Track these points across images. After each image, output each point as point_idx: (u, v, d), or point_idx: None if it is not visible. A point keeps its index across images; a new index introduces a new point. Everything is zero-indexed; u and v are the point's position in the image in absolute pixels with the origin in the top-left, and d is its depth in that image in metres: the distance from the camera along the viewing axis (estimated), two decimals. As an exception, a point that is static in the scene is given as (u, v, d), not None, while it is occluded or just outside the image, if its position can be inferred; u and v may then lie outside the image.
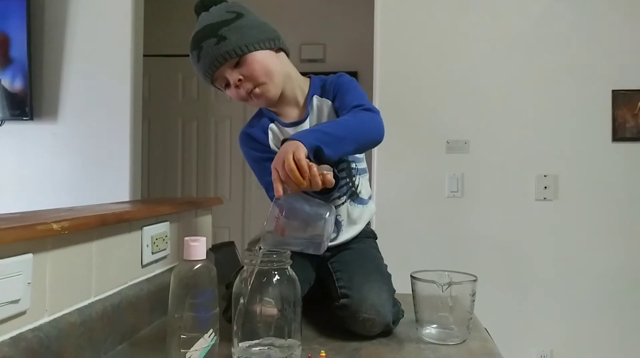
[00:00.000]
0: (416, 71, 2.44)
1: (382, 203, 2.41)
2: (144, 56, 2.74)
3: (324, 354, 0.83)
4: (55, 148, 2.61)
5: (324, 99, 1.20)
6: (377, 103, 2.47)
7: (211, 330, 0.78)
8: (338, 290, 1.07)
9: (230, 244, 1.93)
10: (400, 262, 1.39)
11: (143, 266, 1.09)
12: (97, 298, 0.92)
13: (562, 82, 2.37)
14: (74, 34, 2.63)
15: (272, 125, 1.21)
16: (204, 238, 0.78)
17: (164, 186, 3.65)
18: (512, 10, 2.40)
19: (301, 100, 1.22)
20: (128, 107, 2.60)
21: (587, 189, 2.35)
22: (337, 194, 1.19)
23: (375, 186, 2.42)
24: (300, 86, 1.22)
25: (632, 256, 2.32)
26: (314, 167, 0.91)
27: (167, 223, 1.19)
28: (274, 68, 1.13)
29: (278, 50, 1.17)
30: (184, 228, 1.32)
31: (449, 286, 1.01)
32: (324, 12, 3.61)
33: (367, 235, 1.30)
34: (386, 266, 1.21)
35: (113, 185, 2.56)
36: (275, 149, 1.19)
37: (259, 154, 1.20)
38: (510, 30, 2.40)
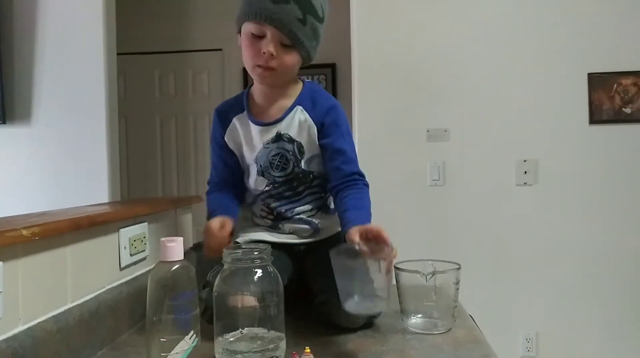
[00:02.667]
0: (394, 61, 2.43)
1: (364, 194, 2.40)
2: (118, 54, 2.69)
3: (308, 350, 0.82)
4: (30, 151, 2.56)
5: (309, 119, 1.15)
6: (355, 94, 2.46)
7: (192, 332, 0.76)
8: (317, 286, 1.07)
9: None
10: None
11: (121, 269, 1.07)
12: (74, 304, 0.90)
13: (537, 66, 2.38)
14: (45, 34, 2.57)
15: (235, 120, 1.20)
16: (181, 238, 0.76)
17: (144, 186, 3.60)
18: (488, -4, 2.40)
19: (284, 103, 1.17)
20: (103, 106, 2.55)
21: (566, 172, 2.37)
22: (308, 207, 1.21)
23: (357, 178, 2.41)
24: (289, 91, 1.18)
25: (613, 237, 2.35)
26: None
27: (145, 223, 1.17)
28: (293, 73, 1.15)
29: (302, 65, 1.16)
30: (164, 228, 1.30)
31: (432, 275, 1.01)
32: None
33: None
34: None
35: (91, 187, 2.52)
36: (228, 144, 1.21)
37: (216, 135, 1.24)
38: (486, 17, 2.40)
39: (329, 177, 1.16)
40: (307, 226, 1.21)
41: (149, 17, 3.54)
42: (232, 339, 0.85)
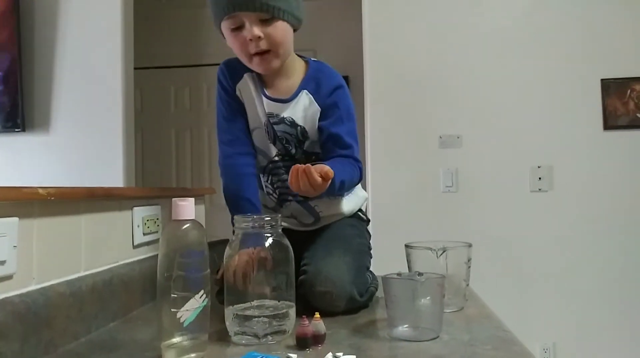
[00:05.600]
0: (406, 68, 2.46)
1: (377, 199, 2.40)
2: (135, 68, 2.75)
3: (318, 316, 0.82)
4: (48, 159, 2.60)
5: (314, 102, 1.12)
6: (368, 103, 2.48)
7: (202, 292, 0.76)
8: (302, 261, 1.04)
9: (226, 241, 1.91)
10: (396, 258, 1.35)
11: (134, 247, 1.08)
12: (87, 272, 0.91)
13: (551, 73, 2.38)
14: (64, 46, 2.63)
15: (246, 76, 1.14)
16: (192, 199, 0.77)
17: (159, 199, 3.63)
18: (499, 4, 2.42)
19: (288, 81, 1.14)
20: (120, 118, 2.59)
21: (581, 178, 2.35)
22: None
23: (370, 183, 2.42)
24: (292, 65, 1.15)
25: (629, 244, 2.31)
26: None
27: (159, 206, 1.18)
28: (289, 45, 1.10)
29: (294, 30, 1.12)
30: (176, 215, 1.31)
31: (443, 252, 1.00)
32: (314, 19, 3.63)
33: (350, 216, 1.24)
34: (362, 243, 1.17)
35: (107, 194, 2.55)
36: (239, 96, 1.15)
37: (225, 88, 1.17)
38: (498, 24, 2.42)
39: (323, 158, 1.12)
40: (308, 213, 1.19)
41: (165, 33, 3.62)
42: (242, 306, 0.85)
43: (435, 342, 0.82)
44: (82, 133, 2.61)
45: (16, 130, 2.55)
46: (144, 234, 1.10)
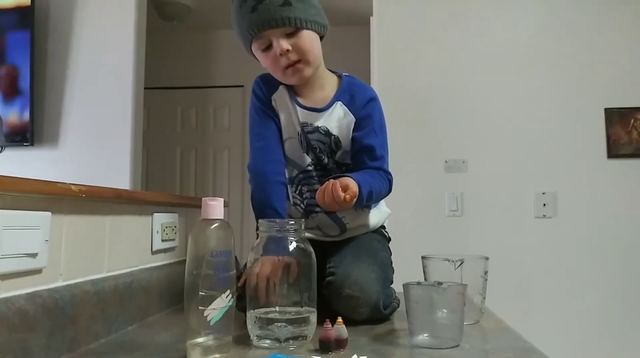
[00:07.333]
0: (412, 93, 2.50)
1: (382, 222, 2.41)
2: (144, 88, 2.78)
3: (341, 320, 0.82)
4: (56, 174, 2.61)
5: (349, 113, 1.16)
6: (375, 125, 2.50)
7: (228, 291, 0.77)
8: (326, 271, 1.04)
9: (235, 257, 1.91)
10: (400, 280, 1.35)
11: (153, 252, 1.09)
12: (110, 274, 0.92)
13: (554, 100, 2.42)
14: (76, 63, 2.67)
15: (282, 88, 1.18)
16: (222, 199, 0.78)
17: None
18: (506, 29, 2.48)
19: (322, 93, 1.18)
20: (129, 138, 2.61)
21: (585, 205, 2.37)
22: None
23: (375, 206, 2.43)
24: (325, 77, 1.20)
25: (631, 271, 2.32)
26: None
27: (176, 214, 1.19)
28: (317, 52, 1.15)
29: (321, 38, 1.18)
30: (191, 223, 1.32)
31: (461, 263, 1.01)
32: (322, 42, 3.68)
33: (374, 232, 1.27)
34: (387, 258, 1.19)
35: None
36: (274, 106, 1.18)
37: (260, 98, 1.20)
38: (504, 50, 2.47)
39: (354, 169, 1.15)
40: (334, 225, 1.20)
41: (173, 55, 3.68)
42: (264, 310, 0.85)
43: (457, 350, 0.82)
44: (91, 150, 2.62)
45: (25, 144, 2.56)
46: (162, 240, 1.11)
